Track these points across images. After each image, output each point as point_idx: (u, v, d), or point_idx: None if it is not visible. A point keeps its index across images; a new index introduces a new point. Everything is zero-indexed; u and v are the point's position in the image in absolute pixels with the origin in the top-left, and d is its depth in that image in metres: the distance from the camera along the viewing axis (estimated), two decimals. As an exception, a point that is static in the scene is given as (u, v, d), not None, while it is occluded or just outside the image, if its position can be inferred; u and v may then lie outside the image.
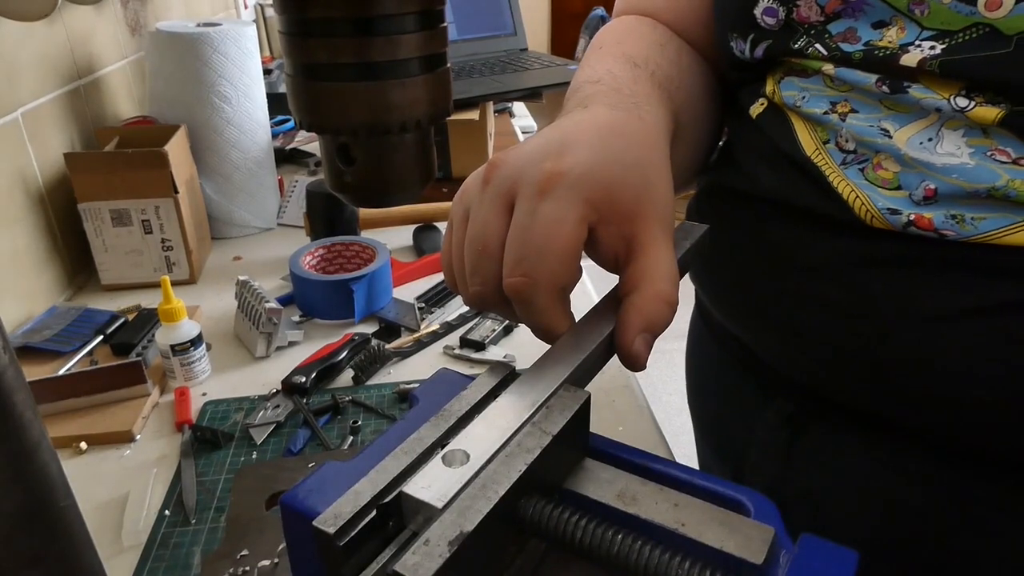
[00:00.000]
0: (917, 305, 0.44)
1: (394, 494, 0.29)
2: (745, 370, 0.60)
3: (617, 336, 0.38)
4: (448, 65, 0.28)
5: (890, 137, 0.44)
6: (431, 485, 0.29)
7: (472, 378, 0.37)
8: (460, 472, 0.30)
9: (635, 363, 0.38)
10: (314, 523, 0.28)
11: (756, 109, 0.54)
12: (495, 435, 0.32)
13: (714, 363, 0.66)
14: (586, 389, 0.35)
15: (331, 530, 0.27)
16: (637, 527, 0.31)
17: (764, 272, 0.52)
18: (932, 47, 0.42)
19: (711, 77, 0.62)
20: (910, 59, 0.43)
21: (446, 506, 0.28)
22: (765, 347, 0.55)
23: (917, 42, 0.43)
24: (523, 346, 0.89)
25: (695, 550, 0.29)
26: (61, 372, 0.83)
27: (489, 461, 0.31)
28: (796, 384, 0.53)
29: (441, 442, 0.32)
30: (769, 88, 0.52)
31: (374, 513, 0.29)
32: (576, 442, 0.34)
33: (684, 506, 0.31)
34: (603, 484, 0.33)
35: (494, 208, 0.39)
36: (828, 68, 0.47)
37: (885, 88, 0.44)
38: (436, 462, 0.30)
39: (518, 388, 0.35)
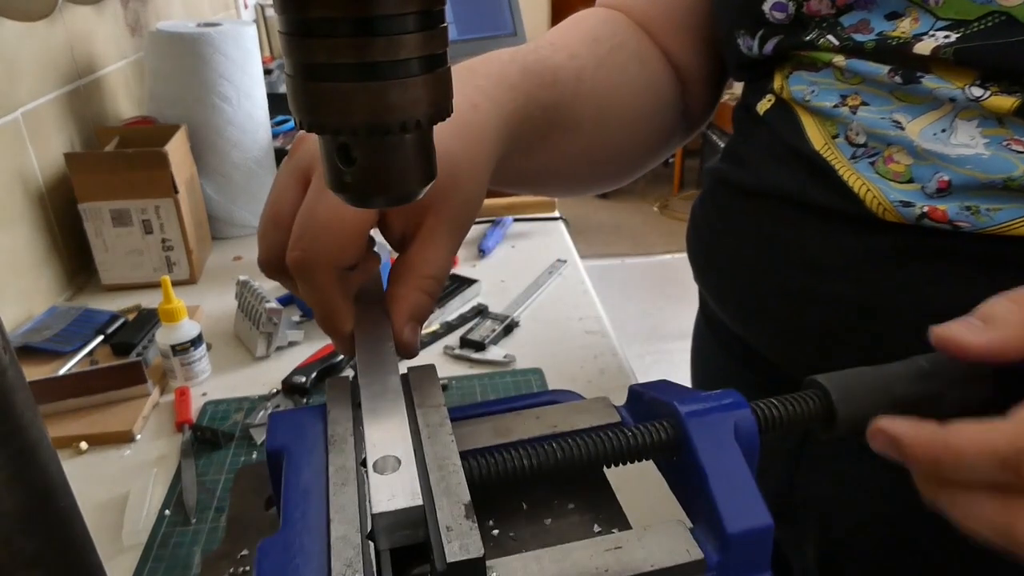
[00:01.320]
0: (931, 299, 0.43)
1: (369, 520, 0.28)
2: (750, 373, 0.59)
3: (391, 324, 0.40)
4: (448, 65, 0.28)
5: (902, 128, 0.44)
6: (393, 495, 0.28)
7: (308, 407, 0.37)
8: (405, 472, 0.29)
9: (408, 349, 0.40)
10: None
11: (763, 105, 0.53)
12: (399, 430, 0.31)
13: (719, 366, 0.65)
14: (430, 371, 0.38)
15: None
16: (531, 445, 0.33)
17: (771, 269, 0.51)
18: (947, 36, 0.42)
19: (660, 82, 0.61)
20: (924, 47, 0.42)
21: (426, 500, 0.28)
22: (771, 347, 0.54)
23: (931, 32, 0.42)
24: (523, 346, 0.88)
25: (581, 435, 0.33)
26: (61, 372, 0.83)
27: (419, 449, 0.31)
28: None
29: (360, 461, 0.31)
30: (777, 84, 0.52)
31: (371, 544, 0.28)
32: None
33: (542, 416, 0.36)
34: (475, 435, 0.35)
35: (291, 181, 0.40)
36: (839, 60, 0.47)
37: (897, 79, 0.44)
38: (375, 478, 0.29)
39: (372, 387, 0.34)
